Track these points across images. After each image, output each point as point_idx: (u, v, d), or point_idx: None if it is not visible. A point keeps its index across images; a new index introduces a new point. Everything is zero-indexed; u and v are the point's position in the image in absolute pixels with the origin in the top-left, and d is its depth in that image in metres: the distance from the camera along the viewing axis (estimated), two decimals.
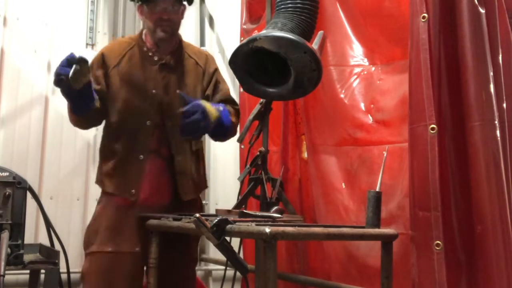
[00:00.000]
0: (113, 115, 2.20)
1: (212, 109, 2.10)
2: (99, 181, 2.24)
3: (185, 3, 2.25)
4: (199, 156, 2.36)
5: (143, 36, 2.28)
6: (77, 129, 3.21)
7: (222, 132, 2.23)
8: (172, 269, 2.20)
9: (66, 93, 1.95)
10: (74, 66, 1.83)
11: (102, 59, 2.23)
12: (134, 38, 2.32)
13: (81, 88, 1.92)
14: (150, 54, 2.24)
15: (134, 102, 2.19)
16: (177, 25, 2.25)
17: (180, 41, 2.33)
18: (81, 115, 2.11)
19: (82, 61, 1.86)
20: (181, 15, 2.26)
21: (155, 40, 2.23)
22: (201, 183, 2.37)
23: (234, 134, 2.35)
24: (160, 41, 2.22)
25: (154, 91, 2.20)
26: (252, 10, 3.12)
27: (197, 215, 1.54)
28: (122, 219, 2.15)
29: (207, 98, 2.29)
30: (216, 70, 2.38)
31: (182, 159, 2.23)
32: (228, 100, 2.34)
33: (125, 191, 2.15)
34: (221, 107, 2.19)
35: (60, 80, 1.85)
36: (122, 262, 2.10)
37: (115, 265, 2.09)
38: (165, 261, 2.11)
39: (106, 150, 2.24)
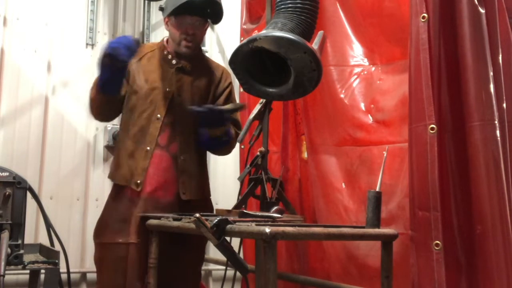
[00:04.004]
0: (127, 107, 2.30)
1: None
2: (110, 174, 2.32)
3: (209, 20, 2.36)
4: (205, 160, 2.42)
5: (165, 43, 2.40)
6: (77, 129, 3.26)
7: (225, 140, 2.34)
8: (178, 267, 2.25)
9: (109, 68, 2.07)
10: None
11: None
12: (156, 44, 2.45)
13: (121, 66, 2.08)
14: (169, 57, 2.35)
15: (148, 96, 2.28)
16: (200, 40, 2.38)
17: (199, 49, 2.43)
18: (112, 95, 2.21)
19: (138, 44, 2.08)
20: (204, 31, 2.39)
21: (176, 51, 2.33)
22: (205, 187, 2.40)
23: (229, 149, 2.45)
24: (182, 55, 2.32)
25: (168, 89, 2.29)
26: (252, 10, 3.12)
27: (197, 215, 1.54)
28: (129, 210, 2.22)
29: None
30: (230, 84, 2.47)
31: (186, 158, 2.28)
32: (233, 120, 2.40)
33: (131, 181, 2.22)
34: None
35: (114, 56, 2.00)
36: (131, 251, 2.19)
37: (125, 255, 2.19)
38: (171, 258, 2.17)
39: (119, 143, 2.35)
